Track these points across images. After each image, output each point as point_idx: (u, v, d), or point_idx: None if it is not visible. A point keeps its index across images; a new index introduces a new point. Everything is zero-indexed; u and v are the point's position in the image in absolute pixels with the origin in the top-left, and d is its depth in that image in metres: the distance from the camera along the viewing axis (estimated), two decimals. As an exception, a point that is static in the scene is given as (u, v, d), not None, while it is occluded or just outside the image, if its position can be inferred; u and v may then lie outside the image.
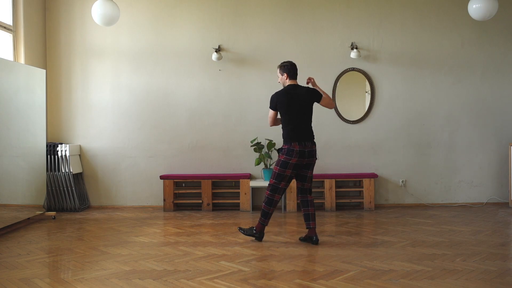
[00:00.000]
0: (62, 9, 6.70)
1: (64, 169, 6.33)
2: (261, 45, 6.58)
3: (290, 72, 4.50)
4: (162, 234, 5.05)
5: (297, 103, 4.43)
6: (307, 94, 4.49)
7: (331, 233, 4.96)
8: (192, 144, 6.66)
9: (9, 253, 4.24)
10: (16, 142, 5.47)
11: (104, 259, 4.01)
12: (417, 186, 6.56)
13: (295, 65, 4.55)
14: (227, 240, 4.68)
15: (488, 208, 6.27)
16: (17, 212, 5.48)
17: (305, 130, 4.44)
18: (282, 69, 4.53)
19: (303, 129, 4.44)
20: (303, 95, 4.47)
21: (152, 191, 6.66)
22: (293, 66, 4.53)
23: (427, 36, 6.50)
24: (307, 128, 4.48)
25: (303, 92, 4.49)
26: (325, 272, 3.58)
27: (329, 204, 6.28)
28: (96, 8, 5.15)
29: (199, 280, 3.42)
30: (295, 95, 4.44)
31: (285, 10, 6.57)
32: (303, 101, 4.46)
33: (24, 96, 5.61)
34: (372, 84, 6.52)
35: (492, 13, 5.13)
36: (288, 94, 4.45)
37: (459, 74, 6.51)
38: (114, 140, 6.70)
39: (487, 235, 4.71)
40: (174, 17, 6.63)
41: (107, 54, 6.67)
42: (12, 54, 6.10)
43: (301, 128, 4.43)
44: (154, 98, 6.66)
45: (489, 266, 3.66)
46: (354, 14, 6.53)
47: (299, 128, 4.42)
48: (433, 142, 6.53)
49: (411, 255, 4.01)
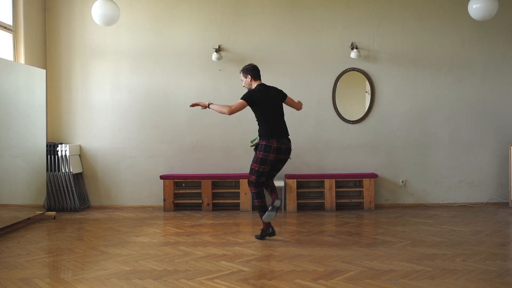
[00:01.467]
0: (62, 9, 6.70)
1: (64, 169, 6.33)
2: (261, 45, 6.58)
3: (253, 73, 4.65)
4: (162, 234, 5.05)
5: (272, 101, 4.59)
6: (276, 92, 4.67)
7: (331, 233, 4.96)
8: (192, 144, 6.66)
9: (9, 253, 4.24)
10: (16, 142, 5.47)
11: (104, 259, 4.01)
12: (417, 186, 6.56)
13: (256, 66, 4.70)
14: (227, 240, 4.68)
15: (488, 208, 6.27)
16: (17, 212, 5.48)
17: (282, 127, 4.60)
18: (245, 72, 4.68)
19: (281, 126, 4.59)
20: (274, 92, 4.65)
21: (152, 191, 6.66)
22: (255, 67, 4.68)
23: (427, 36, 6.50)
24: (284, 125, 4.63)
25: (274, 90, 4.67)
26: (325, 272, 3.58)
27: (329, 204, 6.28)
28: (96, 8, 5.15)
29: (199, 280, 3.43)
30: (270, 93, 4.60)
31: (285, 10, 6.57)
32: (277, 98, 4.64)
33: (24, 96, 5.61)
34: (372, 84, 6.52)
35: (492, 13, 5.13)
36: (262, 92, 4.57)
37: (459, 74, 6.51)
38: (114, 140, 6.70)
39: (487, 235, 4.71)
40: (174, 17, 6.63)
41: (107, 54, 6.67)
42: (12, 54, 6.10)
43: (279, 125, 4.58)
44: (154, 98, 6.66)
45: (489, 266, 3.66)
46: (354, 14, 6.53)
47: (277, 125, 4.56)
48: (433, 142, 6.53)
49: (411, 255, 4.01)
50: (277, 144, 4.47)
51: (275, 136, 4.49)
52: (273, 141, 4.47)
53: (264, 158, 4.48)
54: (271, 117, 4.56)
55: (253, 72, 4.64)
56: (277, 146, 4.47)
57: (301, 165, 6.55)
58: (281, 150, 4.50)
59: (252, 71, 4.64)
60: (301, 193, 6.45)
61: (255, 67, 4.68)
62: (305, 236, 4.81)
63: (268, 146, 4.47)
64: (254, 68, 4.67)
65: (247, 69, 4.66)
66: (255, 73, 4.65)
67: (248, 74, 4.64)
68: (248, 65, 4.70)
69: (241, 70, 4.72)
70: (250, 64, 4.71)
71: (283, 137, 4.54)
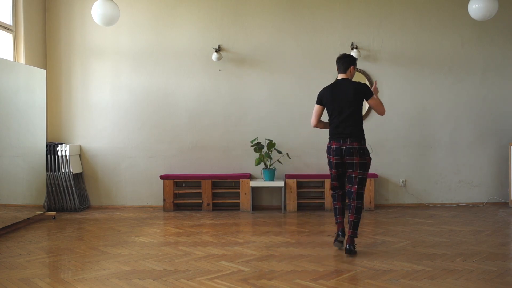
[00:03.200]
0: (62, 9, 6.70)
1: (64, 169, 6.33)
2: (261, 45, 6.58)
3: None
4: (162, 234, 5.05)
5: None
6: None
7: (331, 233, 4.96)
8: (192, 144, 6.66)
9: (9, 253, 4.24)
10: (16, 142, 5.47)
11: (104, 259, 4.01)
12: (417, 186, 6.56)
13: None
14: (227, 240, 4.68)
15: (488, 208, 6.27)
16: (17, 212, 5.48)
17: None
18: (354, 62, 4.26)
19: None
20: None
21: (152, 191, 6.66)
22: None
23: (427, 36, 6.50)
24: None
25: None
26: (325, 272, 3.58)
27: (329, 204, 6.28)
28: (96, 8, 5.15)
29: (199, 280, 3.42)
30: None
31: (285, 10, 6.57)
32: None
33: (24, 96, 5.61)
34: (372, 84, 6.52)
35: (492, 13, 5.12)
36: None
37: (459, 74, 6.51)
38: (114, 140, 6.70)
39: (487, 235, 4.71)
40: (174, 17, 6.63)
41: (107, 54, 6.67)
42: (12, 54, 6.10)
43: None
44: (154, 98, 6.66)
45: (489, 266, 3.66)
46: (354, 14, 6.53)
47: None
48: (433, 142, 6.53)
49: (411, 255, 4.01)
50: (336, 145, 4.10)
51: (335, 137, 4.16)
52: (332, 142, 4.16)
53: (328, 160, 4.22)
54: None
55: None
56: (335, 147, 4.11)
57: (301, 165, 6.55)
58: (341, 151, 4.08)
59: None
60: (301, 193, 6.45)
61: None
62: (305, 236, 4.81)
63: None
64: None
65: (355, 59, 4.28)
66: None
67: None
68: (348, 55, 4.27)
69: (353, 59, 4.21)
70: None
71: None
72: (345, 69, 4.17)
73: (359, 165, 4.06)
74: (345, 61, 4.18)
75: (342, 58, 4.20)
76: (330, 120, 4.20)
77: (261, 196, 6.59)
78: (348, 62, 4.18)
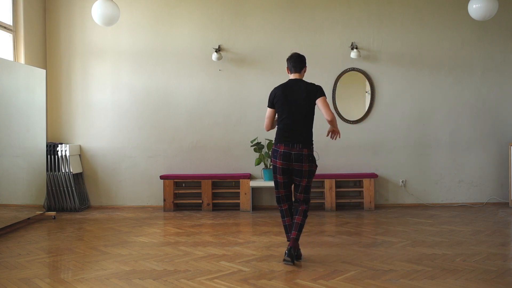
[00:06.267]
0: (62, 9, 6.70)
1: (64, 169, 6.33)
2: (261, 45, 6.58)
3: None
4: (162, 234, 5.05)
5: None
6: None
7: (331, 233, 4.96)
8: (192, 144, 6.66)
9: (9, 253, 4.24)
10: (16, 142, 5.47)
11: (104, 259, 4.01)
12: (417, 186, 6.56)
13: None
14: (227, 240, 4.68)
15: (488, 208, 6.27)
16: (17, 212, 5.48)
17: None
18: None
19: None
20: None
21: (152, 191, 6.66)
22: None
23: (427, 36, 6.49)
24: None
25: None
26: (325, 272, 3.58)
27: (329, 204, 6.28)
28: (96, 8, 5.15)
29: (199, 280, 3.42)
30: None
31: (285, 10, 6.57)
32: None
33: (24, 96, 5.61)
34: (372, 84, 6.52)
35: (492, 13, 5.12)
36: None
37: (459, 74, 6.51)
38: (114, 140, 6.70)
39: (487, 235, 4.71)
40: (174, 17, 6.63)
41: (107, 54, 6.67)
42: (12, 54, 6.10)
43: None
44: (154, 98, 6.66)
45: (489, 266, 3.66)
46: (354, 14, 6.53)
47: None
48: (433, 142, 6.53)
49: (411, 255, 4.01)
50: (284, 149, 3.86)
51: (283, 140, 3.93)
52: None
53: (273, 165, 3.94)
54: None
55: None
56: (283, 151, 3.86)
57: (301, 165, 6.54)
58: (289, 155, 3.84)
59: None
60: (301, 193, 6.44)
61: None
62: (305, 236, 4.80)
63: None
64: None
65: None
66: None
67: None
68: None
69: (305, 59, 4.06)
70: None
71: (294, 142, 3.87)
72: (300, 68, 4.00)
73: (307, 172, 3.84)
74: (301, 60, 4.00)
75: (297, 58, 4.00)
76: (279, 121, 3.94)
77: (261, 196, 6.59)
78: (303, 61, 4.02)
